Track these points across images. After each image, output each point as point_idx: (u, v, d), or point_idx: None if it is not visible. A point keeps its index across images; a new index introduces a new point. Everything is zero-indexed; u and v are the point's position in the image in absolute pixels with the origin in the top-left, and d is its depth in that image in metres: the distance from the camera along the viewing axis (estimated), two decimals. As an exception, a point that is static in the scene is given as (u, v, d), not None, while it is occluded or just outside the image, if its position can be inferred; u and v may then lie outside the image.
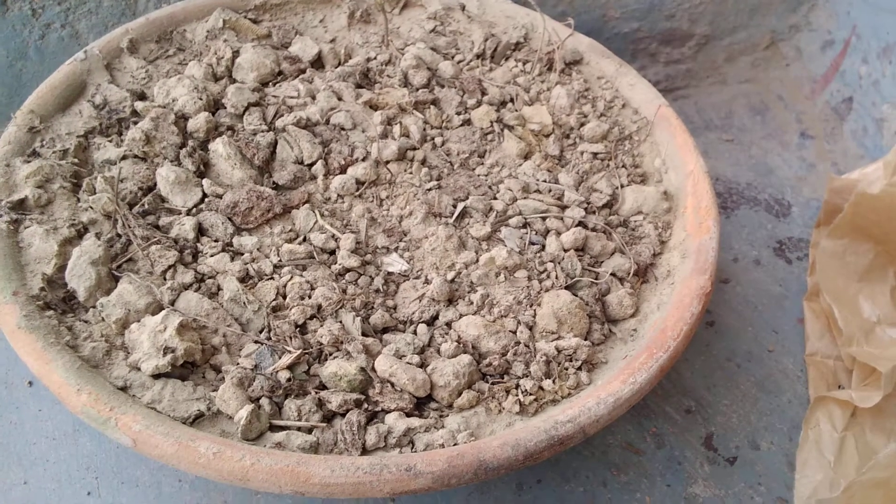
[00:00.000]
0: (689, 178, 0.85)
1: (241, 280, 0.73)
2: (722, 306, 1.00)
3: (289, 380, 0.66)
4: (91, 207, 0.75)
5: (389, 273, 0.77)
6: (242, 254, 0.75)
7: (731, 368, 0.94)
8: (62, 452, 0.80)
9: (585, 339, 0.74)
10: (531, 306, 0.74)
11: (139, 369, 0.65)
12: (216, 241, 0.76)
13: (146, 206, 0.76)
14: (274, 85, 0.90)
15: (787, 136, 1.24)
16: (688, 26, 1.25)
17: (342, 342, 0.69)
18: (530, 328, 0.73)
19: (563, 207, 0.83)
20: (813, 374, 0.93)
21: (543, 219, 0.82)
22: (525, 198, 0.83)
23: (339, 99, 0.88)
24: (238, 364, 0.67)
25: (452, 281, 0.76)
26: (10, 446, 0.80)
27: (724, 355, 0.95)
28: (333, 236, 0.77)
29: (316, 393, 0.66)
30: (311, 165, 0.82)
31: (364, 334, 0.70)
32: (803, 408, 0.90)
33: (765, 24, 1.29)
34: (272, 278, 0.74)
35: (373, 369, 0.68)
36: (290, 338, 0.69)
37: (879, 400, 0.82)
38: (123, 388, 0.64)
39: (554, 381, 0.69)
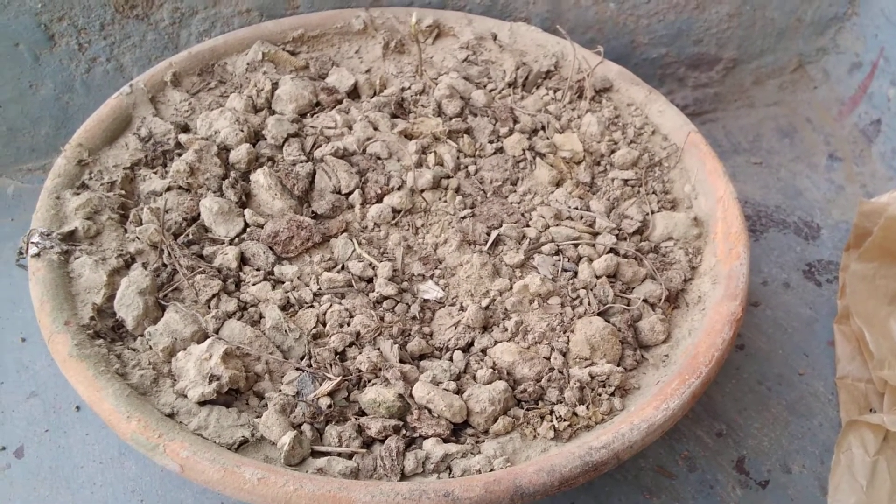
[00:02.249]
0: (719, 203, 0.86)
1: (283, 308, 0.75)
2: (752, 329, 1.01)
3: (329, 406, 0.68)
4: (138, 238, 0.78)
5: (425, 300, 0.79)
6: (283, 282, 0.78)
7: (761, 392, 0.94)
8: (108, 476, 0.82)
9: (618, 366, 0.75)
10: (564, 333, 0.76)
11: (186, 396, 0.67)
12: (258, 269, 0.78)
13: (190, 237, 0.79)
14: (312, 116, 0.93)
15: (816, 159, 1.25)
16: (715, 51, 1.27)
17: (380, 369, 0.71)
18: (564, 354, 0.75)
19: (595, 234, 0.85)
20: (844, 398, 0.93)
21: (575, 245, 0.83)
22: (557, 225, 0.85)
23: (375, 129, 0.90)
24: (280, 391, 0.70)
25: (487, 308, 0.77)
26: (59, 470, 0.83)
27: (754, 378, 0.96)
28: (371, 264, 0.79)
29: (356, 419, 0.68)
30: (348, 195, 0.85)
31: (402, 361, 0.72)
32: (835, 431, 0.91)
33: (792, 48, 1.31)
34: (312, 306, 0.76)
35: (410, 396, 0.69)
36: (331, 365, 0.71)
37: (911, 424, 0.82)
38: (171, 415, 0.66)
39: (588, 407, 0.71)
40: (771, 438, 0.90)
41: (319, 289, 0.77)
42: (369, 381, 0.71)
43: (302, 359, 0.72)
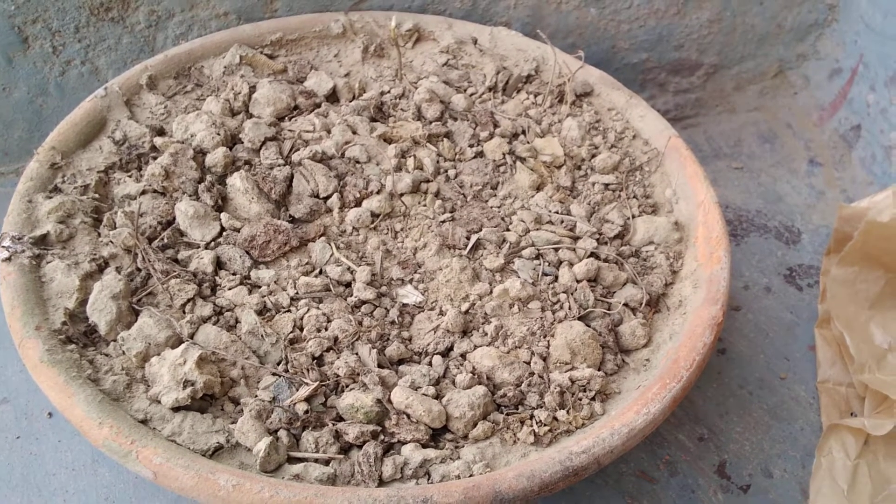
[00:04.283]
0: (700, 208, 0.86)
1: (259, 313, 0.74)
2: (733, 334, 1.01)
3: (306, 412, 0.67)
4: (111, 242, 0.76)
5: (404, 305, 0.78)
6: (260, 287, 0.77)
7: (743, 396, 0.94)
8: (81, 483, 0.81)
9: (599, 370, 0.74)
10: (545, 337, 0.75)
11: (159, 402, 0.66)
12: (234, 274, 0.77)
13: (165, 241, 0.78)
14: (290, 119, 0.92)
15: (796, 164, 1.25)
16: (696, 56, 1.27)
17: (358, 374, 0.70)
18: (544, 359, 0.74)
19: (576, 238, 0.84)
20: (825, 402, 0.93)
21: (556, 250, 0.83)
22: (538, 229, 0.84)
23: (354, 132, 0.90)
24: (256, 396, 0.69)
25: (467, 312, 0.77)
26: (31, 477, 0.81)
27: (736, 383, 0.95)
28: (349, 269, 0.78)
29: (333, 425, 0.67)
30: (326, 199, 0.84)
31: (380, 366, 0.71)
32: (816, 435, 0.91)
33: (773, 54, 1.31)
34: (289, 311, 0.75)
35: (389, 401, 0.69)
36: (308, 370, 0.70)
37: (892, 427, 0.82)
38: (144, 421, 0.65)
39: (568, 412, 0.70)
40: (752, 442, 0.90)
41: (297, 293, 0.76)
42: (347, 387, 0.70)
43: (279, 364, 0.71)
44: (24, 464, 0.82)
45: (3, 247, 0.73)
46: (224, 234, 0.80)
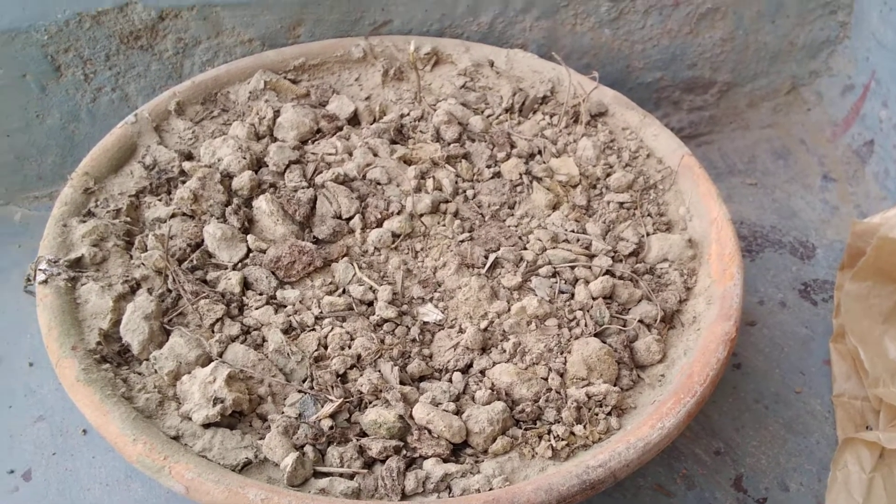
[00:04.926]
0: (713, 225, 0.87)
1: (285, 332, 0.76)
2: (749, 349, 1.02)
3: (331, 428, 0.69)
4: (143, 264, 0.79)
5: (425, 323, 0.80)
6: (285, 306, 0.79)
7: (758, 410, 0.95)
8: (115, 498, 0.84)
9: (615, 385, 0.76)
10: (562, 353, 0.77)
11: (190, 419, 0.69)
12: (261, 294, 0.80)
13: (194, 262, 0.81)
14: (313, 142, 0.95)
15: (810, 180, 1.27)
16: (710, 74, 1.29)
17: (381, 391, 0.72)
18: (561, 375, 0.76)
19: (591, 256, 0.86)
20: (840, 415, 0.94)
21: (572, 268, 0.85)
22: (554, 247, 0.86)
23: (375, 155, 0.92)
24: (283, 413, 0.71)
25: (485, 330, 0.79)
26: (66, 493, 0.84)
27: (751, 397, 0.97)
28: (371, 288, 0.81)
29: (357, 440, 0.69)
30: (349, 220, 0.86)
31: (402, 383, 0.73)
32: (831, 449, 0.92)
33: (785, 71, 1.33)
34: (314, 329, 0.77)
35: (411, 417, 0.71)
36: (332, 387, 0.72)
37: (906, 441, 0.83)
38: (176, 438, 0.68)
39: (585, 427, 0.72)
40: (768, 456, 0.91)
41: (321, 312, 0.79)
42: (370, 403, 0.72)
43: (304, 381, 0.74)
44: (60, 479, 0.85)
45: (41, 270, 0.76)
46: (251, 255, 0.82)
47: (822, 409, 0.96)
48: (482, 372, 0.76)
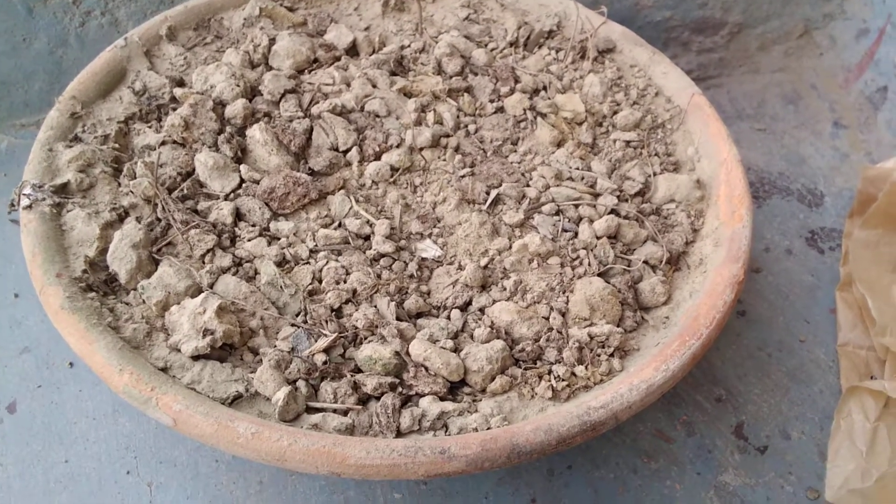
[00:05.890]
0: (722, 166, 0.85)
1: (278, 264, 0.74)
2: (753, 296, 1.00)
3: (325, 363, 0.67)
4: (131, 192, 0.76)
5: (423, 259, 0.78)
6: (279, 238, 0.76)
7: (762, 358, 0.94)
8: (102, 432, 0.82)
9: (618, 326, 0.74)
10: (564, 293, 0.75)
11: (179, 350, 0.67)
12: (253, 225, 0.77)
13: (185, 191, 0.78)
14: (309, 72, 0.91)
15: (821, 126, 1.23)
16: (720, 15, 1.25)
17: (377, 326, 0.70)
18: (563, 315, 0.74)
19: (596, 195, 0.83)
20: (845, 365, 0.92)
21: (576, 206, 0.82)
22: (558, 185, 0.83)
23: (374, 86, 0.89)
24: (275, 347, 0.69)
25: (486, 267, 0.76)
26: (52, 426, 0.82)
27: (755, 345, 0.95)
28: (368, 222, 0.78)
29: (351, 376, 0.67)
30: (346, 152, 0.83)
31: (398, 319, 0.71)
32: (835, 398, 0.90)
33: (798, 13, 1.29)
34: (308, 263, 0.75)
35: (407, 353, 0.69)
36: (326, 322, 0.70)
37: (913, 390, 0.82)
38: (164, 369, 0.65)
39: (586, 368, 0.70)
40: (770, 404, 0.89)
41: (316, 245, 0.76)
42: (365, 339, 0.70)
43: (297, 315, 0.71)
44: (46, 412, 0.83)
45: (24, 195, 0.73)
46: (243, 185, 0.80)
47: (826, 359, 0.94)
48: (481, 310, 0.74)
